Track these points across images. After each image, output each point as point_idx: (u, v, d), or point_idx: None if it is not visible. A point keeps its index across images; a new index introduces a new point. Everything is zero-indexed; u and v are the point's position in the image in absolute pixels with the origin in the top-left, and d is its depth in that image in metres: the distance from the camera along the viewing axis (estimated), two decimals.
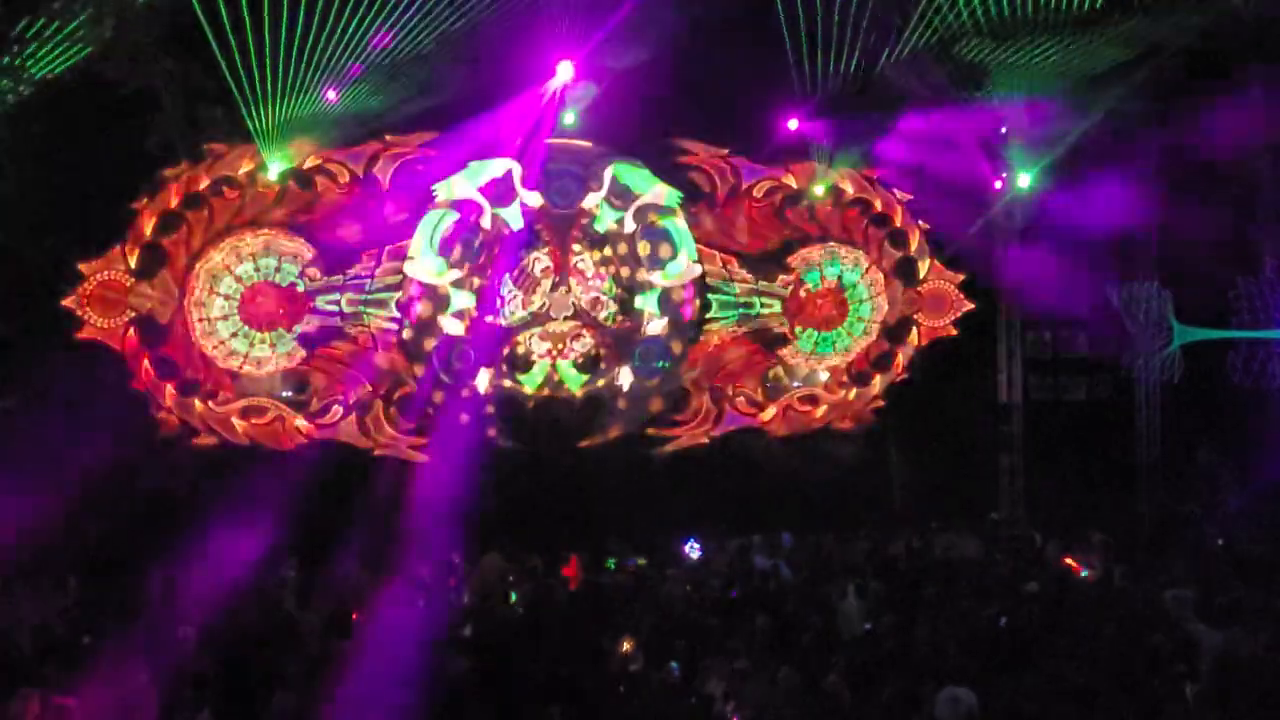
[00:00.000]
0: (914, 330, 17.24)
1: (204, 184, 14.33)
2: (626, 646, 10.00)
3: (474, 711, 8.68)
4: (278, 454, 14.72)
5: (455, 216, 15.24)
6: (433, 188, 15.15)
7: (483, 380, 15.42)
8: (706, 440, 16.54)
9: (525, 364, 15.64)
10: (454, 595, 12.83)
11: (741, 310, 16.63)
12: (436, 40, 12.61)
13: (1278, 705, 8.70)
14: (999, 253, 17.64)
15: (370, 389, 15.22)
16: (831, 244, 16.89)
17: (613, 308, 15.92)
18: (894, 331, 17.15)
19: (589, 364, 15.85)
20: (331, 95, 13.29)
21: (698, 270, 16.25)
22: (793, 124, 15.58)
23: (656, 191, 16.02)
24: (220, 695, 8.81)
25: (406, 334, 15.23)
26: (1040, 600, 11.65)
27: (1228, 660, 9.60)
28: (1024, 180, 16.91)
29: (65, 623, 11.06)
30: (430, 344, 15.23)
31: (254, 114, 12.97)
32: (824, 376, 17.04)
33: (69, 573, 12.43)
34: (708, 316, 16.41)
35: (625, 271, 15.92)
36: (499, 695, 8.98)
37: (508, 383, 15.59)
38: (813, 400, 16.97)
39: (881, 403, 17.19)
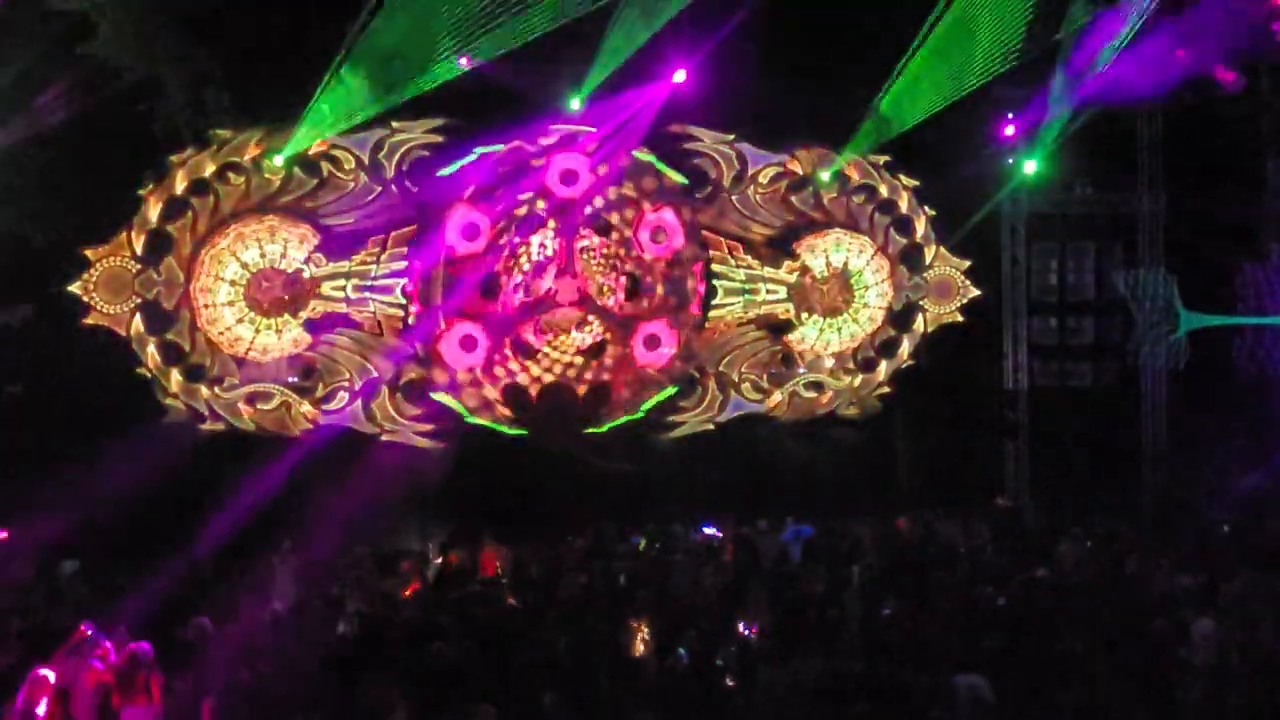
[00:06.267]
0: (920, 317, 17.22)
1: (210, 170, 14.33)
2: (640, 633, 10.03)
3: (470, 698, 8.71)
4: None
5: (461, 203, 15.20)
6: (438, 173, 15.13)
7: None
8: (712, 426, 16.54)
9: (530, 350, 15.62)
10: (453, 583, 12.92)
11: (746, 297, 16.61)
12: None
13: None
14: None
15: (376, 375, 15.24)
16: (837, 230, 16.84)
17: (618, 294, 15.87)
18: (900, 318, 17.13)
19: (594, 351, 15.83)
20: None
21: (703, 256, 16.23)
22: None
23: (662, 177, 15.98)
24: None
25: (412, 320, 15.22)
26: (1047, 586, 11.67)
27: (1231, 647, 9.63)
28: (1030, 166, 16.92)
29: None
30: (436, 330, 15.21)
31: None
32: (829, 363, 17.02)
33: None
34: (713, 303, 16.38)
35: (630, 258, 15.88)
36: (496, 681, 9.02)
37: (513, 369, 15.58)
38: (818, 387, 16.96)
39: (887, 389, 17.18)
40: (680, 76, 15.02)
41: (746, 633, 10.33)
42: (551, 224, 15.53)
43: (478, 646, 9.68)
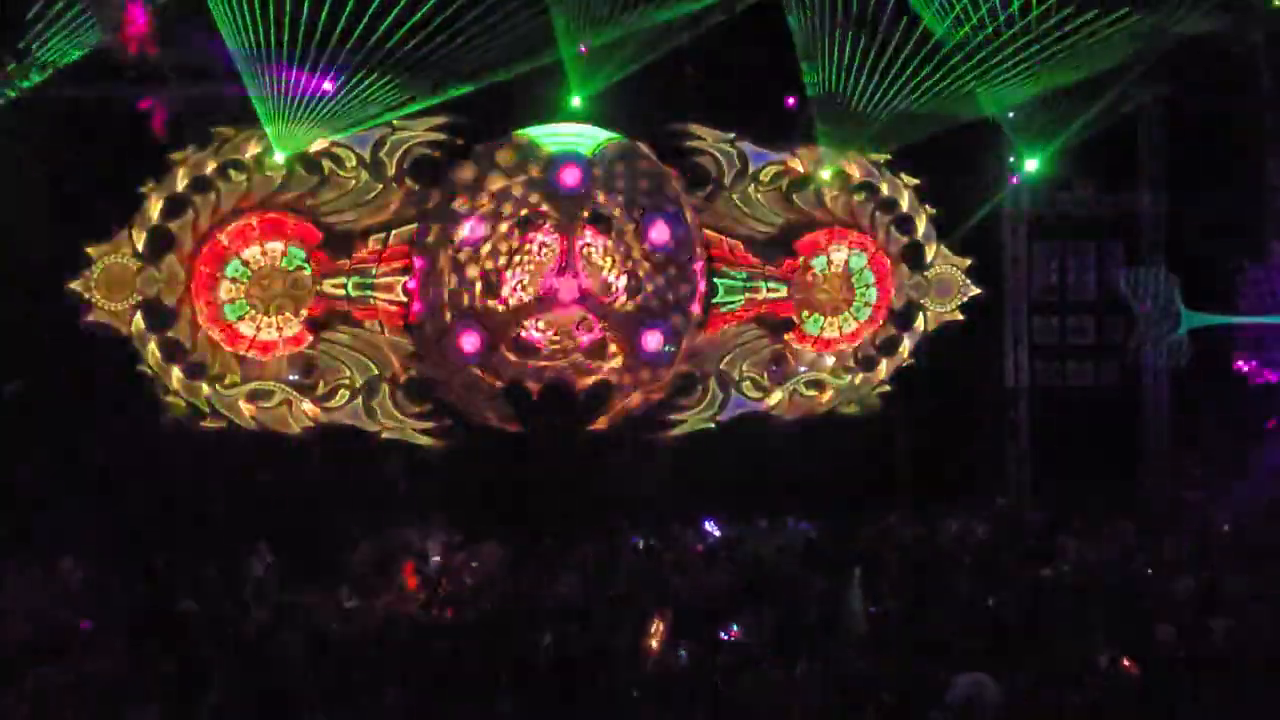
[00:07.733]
0: (920, 315, 17.21)
1: (211, 167, 14.37)
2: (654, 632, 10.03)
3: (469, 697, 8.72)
4: None
5: (462, 200, 15.19)
6: (440, 171, 15.12)
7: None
8: (712, 425, 16.53)
9: (530, 350, 15.60)
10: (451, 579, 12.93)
11: (747, 295, 16.60)
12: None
13: None
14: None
15: (376, 373, 15.25)
16: (838, 229, 16.84)
17: (619, 292, 15.84)
18: (900, 316, 17.13)
19: (595, 349, 15.81)
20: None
21: (704, 254, 16.21)
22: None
23: (663, 175, 15.97)
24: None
25: (413, 318, 15.22)
26: (1049, 585, 11.67)
27: (1231, 648, 9.63)
28: (1031, 165, 16.90)
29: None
30: (436, 328, 15.21)
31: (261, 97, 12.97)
32: (830, 361, 17.01)
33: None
34: (713, 301, 16.38)
35: (631, 256, 15.85)
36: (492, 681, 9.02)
37: (514, 368, 15.57)
38: (819, 385, 16.95)
39: (888, 388, 17.17)
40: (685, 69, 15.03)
41: (727, 635, 10.31)
42: (551, 223, 15.50)
43: (476, 645, 9.69)
